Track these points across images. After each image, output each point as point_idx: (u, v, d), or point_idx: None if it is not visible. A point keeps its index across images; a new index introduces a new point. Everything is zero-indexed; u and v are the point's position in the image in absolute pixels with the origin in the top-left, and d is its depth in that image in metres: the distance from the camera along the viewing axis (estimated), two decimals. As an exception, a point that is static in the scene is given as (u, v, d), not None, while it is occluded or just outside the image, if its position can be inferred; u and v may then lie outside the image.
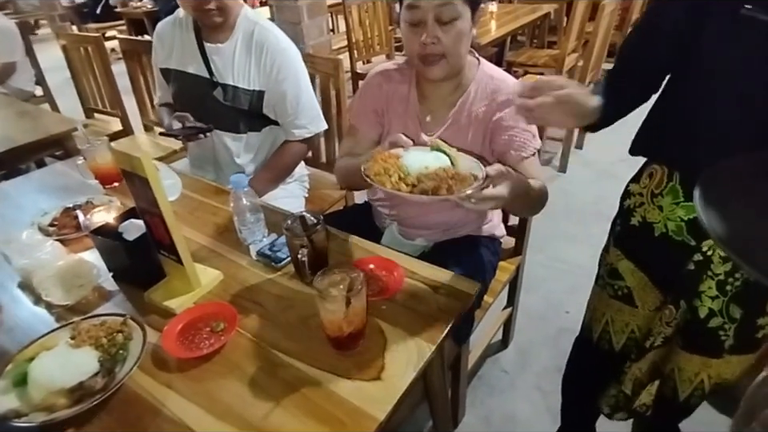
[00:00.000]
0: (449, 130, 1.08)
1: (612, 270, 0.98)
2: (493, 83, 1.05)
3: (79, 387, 0.69)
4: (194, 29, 1.38)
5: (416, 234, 1.20)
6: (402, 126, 1.12)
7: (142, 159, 0.74)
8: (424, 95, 1.11)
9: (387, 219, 1.24)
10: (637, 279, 0.94)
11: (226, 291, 0.92)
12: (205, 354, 0.75)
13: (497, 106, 1.04)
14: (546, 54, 3.35)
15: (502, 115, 1.03)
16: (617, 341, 1.02)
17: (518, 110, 0.76)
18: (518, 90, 0.76)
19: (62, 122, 1.87)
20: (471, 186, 0.75)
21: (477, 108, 1.05)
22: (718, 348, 0.86)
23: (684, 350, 0.90)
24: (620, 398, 0.97)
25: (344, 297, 0.71)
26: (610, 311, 1.01)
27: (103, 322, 0.79)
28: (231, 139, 1.46)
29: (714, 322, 0.83)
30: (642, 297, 0.95)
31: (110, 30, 5.83)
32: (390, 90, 1.13)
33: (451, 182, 0.75)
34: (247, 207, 1.00)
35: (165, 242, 0.84)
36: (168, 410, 0.69)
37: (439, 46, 0.95)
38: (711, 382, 0.92)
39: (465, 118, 1.07)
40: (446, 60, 0.98)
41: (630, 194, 0.95)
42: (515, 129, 1.02)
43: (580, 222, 2.36)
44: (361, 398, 0.69)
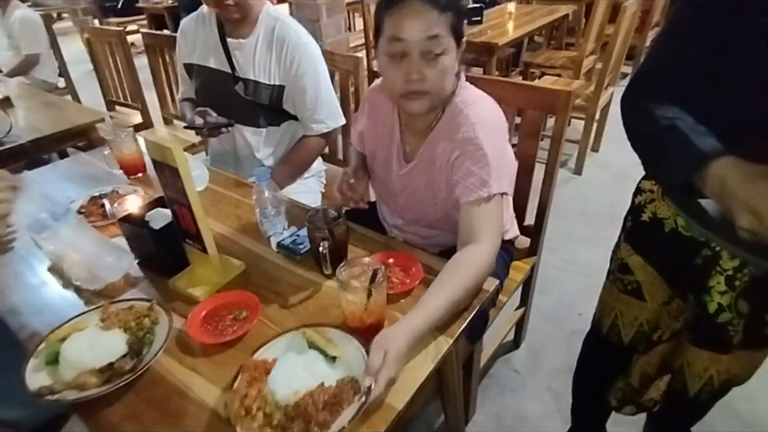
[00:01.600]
0: (420, 164, 1.03)
1: (622, 264, 0.99)
2: (459, 117, 0.95)
3: (109, 367, 0.72)
4: (217, 24, 1.41)
5: (423, 245, 1.18)
6: (386, 151, 1.10)
7: (173, 149, 0.76)
8: (406, 125, 1.06)
9: (390, 231, 1.24)
10: (646, 274, 0.95)
11: (248, 281, 0.94)
12: (228, 341, 0.78)
13: (455, 143, 0.94)
14: (564, 56, 3.33)
15: (459, 153, 0.94)
16: (626, 334, 1.03)
17: None
18: None
19: (87, 114, 1.91)
20: (351, 407, 0.64)
21: (441, 141, 0.98)
22: (726, 343, 0.87)
23: (693, 345, 0.91)
24: (627, 390, 0.98)
25: (365, 288, 0.73)
26: (620, 305, 1.02)
27: (131, 307, 0.82)
28: (251, 133, 1.48)
29: (722, 317, 0.84)
30: (651, 291, 0.96)
31: (131, 25, 5.93)
32: (374, 115, 1.11)
33: (321, 416, 0.62)
34: (269, 200, 1.02)
35: (191, 231, 0.86)
36: (193, 392, 0.72)
37: (424, 83, 0.88)
38: (720, 378, 0.93)
39: (431, 150, 1.00)
40: (429, 95, 0.91)
41: (642, 190, 0.95)
42: (463, 170, 0.92)
43: (595, 225, 2.35)
44: (381, 388, 0.70)
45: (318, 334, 0.74)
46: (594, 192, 2.62)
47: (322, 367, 0.69)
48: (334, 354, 0.71)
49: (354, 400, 0.65)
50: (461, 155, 0.93)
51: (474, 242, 0.88)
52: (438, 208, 1.06)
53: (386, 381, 0.65)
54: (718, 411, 1.12)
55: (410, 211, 1.13)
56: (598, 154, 2.99)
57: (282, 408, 0.64)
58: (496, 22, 3.14)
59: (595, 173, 2.79)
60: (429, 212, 1.09)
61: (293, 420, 0.62)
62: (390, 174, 1.11)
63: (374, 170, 1.17)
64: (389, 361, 0.66)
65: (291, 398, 0.64)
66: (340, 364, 0.71)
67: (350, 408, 0.64)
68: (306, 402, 0.63)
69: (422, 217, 1.11)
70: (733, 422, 1.43)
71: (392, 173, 1.10)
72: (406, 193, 1.10)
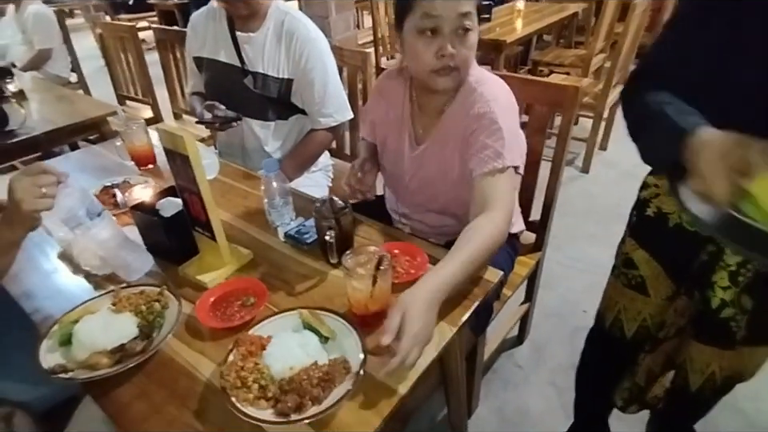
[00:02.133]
0: (434, 144, 1.06)
1: (627, 259, 0.99)
2: (473, 94, 0.99)
3: (120, 349, 0.74)
4: (227, 19, 1.42)
5: (426, 236, 1.20)
6: (396, 136, 1.12)
7: (185, 138, 0.78)
8: (420, 106, 1.08)
9: (398, 222, 1.26)
10: (651, 269, 0.95)
11: (255, 269, 0.96)
12: (236, 326, 0.79)
13: (471, 117, 0.97)
14: (573, 54, 3.32)
15: (475, 128, 0.96)
16: (628, 328, 1.03)
17: None
18: None
19: (99, 107, 1.95)
20: (344, 383, 0.66)
21: (456, 120, 1.01)
22: (729, 339, 0.87)
23: (696, 340, 0.91)
24: (634, 390, 0.98)
25: (371, 276, 0.74)
26: (624, 300, 1.02)
27: (142, 291, 0.84)
28: (260, 127, 1.50)
29: (725, 312, 0.84)
30: (655, 286, 0.96)
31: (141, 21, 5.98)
32: (385, 102, 1.14)
33: (315, 391, 0.64)
34: (277, 191, 1.04)
35: (201, 219, 0.88)
36: (201, 373, 0.74)
37: (455, 58, 0.91)
38: (723, 375, 0.93)
39: (446, 130, 1.03)
40: (458, 72, 0.95)
41: (647, 185, 0.95)
42: (478, 143, 0.95)
43: (601, 223, 2.35)
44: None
45: (314, 316, 0.76)
46: (601, 191, 2.61)
47: (316, 347, 0.71)
48: (327, 336, 0.73)
49: (345, 380, 0.67)
50: (476, 129, 0.96)
51: (488, 210, 0.89)
52: (449, 188, 1.07)
53: (410, 339, 0.67)
54: (723, 410, 1.12)
55: (420, 195, 1.14)
56: (605, 152, 2.98)
57: (276, 381, 0.66)
58: (505, 20, 3.13)
59: (602, 171, 2.79)
60: (439, 194, 1.10)
61: (287, 393, 0.65)
62: (401, 158, 1.12)
63: (384, 158, 1.19)
64: (409, 319, 0.68)
65: (286, 373, 0.67)
66: (333, 345, 0.73)
67: (341, 386, 0.66)
68: (301, 378, 0.65)
69: (431, 200, 1.13)
70: (737, 422, 1.42)
71: (404, 157, 1.11)
72: (417, 176, 1.11)
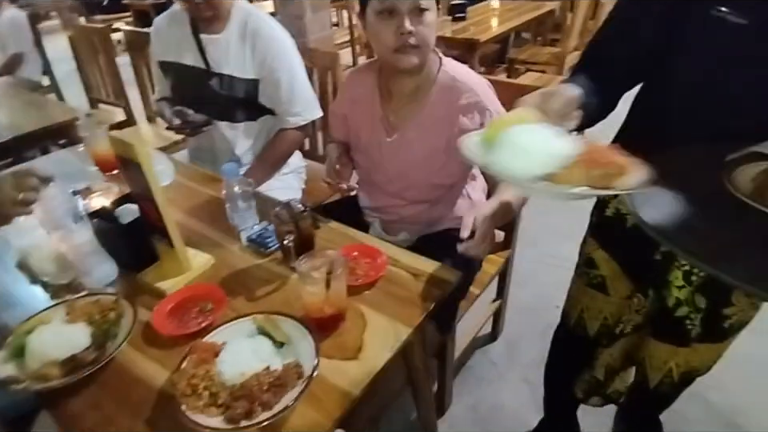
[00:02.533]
0: (412, 130, 1.09)
1: (588, 259, 1.01)
2: (454, 84, 1.05)
3: (71, 359, 0.73)
4: (190, 21, 1.41)
5: (399, 230, 1.22)
6: (369, 127, 1.14)
7: (135, 145, 0.77)
8: (388, 94, 1.12)
9: (370, 216, 1.27)
10: (610, 268, 0.97)
11: (217, 275, 0.95)
12: (192, 332, 0.79)
13: (458, 109, 1.03)
14: (548, 52, 3.36)
15: (466, 121, 1.03)
16: (590, 327, 1.06)
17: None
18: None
19: (65, 112, 1.92)
20: (296, 388, 0.67)
21: (439, 110, 1.06)
22: (685, 337, 0.89)
23: (654, 338, 0.94)
24: (592, 383, 1.01)
25: (324, 279, 0.75)
26: (586, 299, 1.05)
27: (97, 301, 0.83)
28: (228, 128, 1.49)
29: (680, 311, 0.86)
30: (615, 285, 0.98)
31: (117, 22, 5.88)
32: (354, 95, 1.17)
33: (265, 397, 0.65)
34: (239, 195, 1.04)
35: (157, 225, 0.88)
36: (155, 382, 0.74)
37: (415, 36, 0.96)
38: (680, 371, 0.95)
39: (428, 120, 1.07)
40: (420, 50, 0.99)
41: None
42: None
43: (572, 219, 2.36)
44: (338, 375, 0.72)
45: (268, 321, 0.76)
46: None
47: (270, 352, 0.72)
48: (282, 340, 0.74)
49: (298, 383, 0.68)
50: (469, 121, 1.03)
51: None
52: (428, 175, 1.11)
53: (482, 235, 0.81)
54: (689, 400, 1.15)
55: (396, 183, 1.16)
56: (580, 149, 3.01)
57: (227, 388, 0.67)
58: (479, 19, 3.15)
59: (577, 168, 2.82)
60: (416, 181, 1.13)
61: (237, 400, 0.65)
62: (376, 148, 1.14)
63: (358, 153, 1.21)
64: (479, 217, 0.83)
65: (238, 380, 0.67)
66: (287, 350, 0.74)
67: (293, 391, 0.67)
68: (252, 383, 0.66)
69: (407, 188, 1.15)
70: (703, 411, 1.46)
71: (380, 146, 1.13)
72: (394, 164, 1.13)
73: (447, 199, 1.19)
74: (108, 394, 0.73)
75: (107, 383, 0.74)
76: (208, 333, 0.77)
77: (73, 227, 0.86)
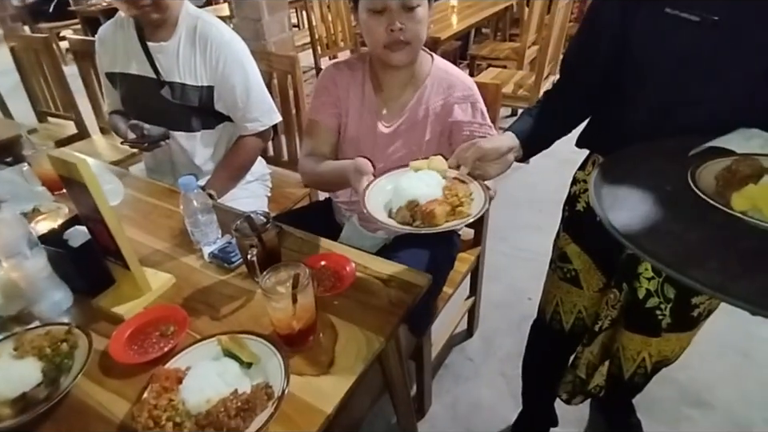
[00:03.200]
0: (405, 123, 1.11)
1: (562, 253, 1.03)
2: (448, 78, 1.09)
3: (22, 398, 0.68)
4: (136, 28, 1.35)
5: (376, 227, 1.22)
6: (359, 117, 1.14)
7: (77, 165, 0.72)
8: (380, 87, 1.13)
9: (347, 213, 1.25)
10: (582, 262, 0.99)
11: (179, 294, 0.91)
12: (153, 359, 0.75)
13: (454, 100, 1.07)
14: (508, 47, 3.41)
15: (461, 112, 1.07)
16: (566, 320, 1.07)
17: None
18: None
19: (9, 127, 1.80)
20: (266, 410, 0.64)
21: (433, 102, 1.09)
22: (656, 327, 0.91)
23: (627, 329, 0.95)
24: (576, 383, 1.01)
25: (290, 294, 0.72)
26: (560, 293, 1.06)
27: (48, 332, 0.78)
28: (186, 138, 1.44)
29: (651, 302, 0.88)
30: (587, 279, 1.00)
31: (65, 30, 5.61)
32: (344, 81, 1.15)
33: (234, 423, 0.62)
34: (198, 209, 0.99)
35: (110, 247, 0.83)
36: (115, 416, 0.69)
37: (405, 33, 0.98)
38: (652, 360, 0.97)
39: (422, 112, 1.10)
40: (410, 46, 1.00)
41: (576, 180, 0.99)
42: (473, 125, 1.08)
43: (543, 211, 2.43)
44: (310, 392, 0.70)
45: (234, 342, 0.73)
46: (541, 179, 2.69)
47: (237, 374, 0.69)
48: (249, 361, 0.71)
49: (268, 405, 0.65)
50: (462, 113, 1.07)
51: None
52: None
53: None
54: (657, 380, 1.17)
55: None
56: (544, 141, 3.07)
57: (192, 417, 0.63)
58: (439, 16, 3.17)
59: (541, 161, 2.81)
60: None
61: (203, 428, 0.62)
62: (369, 137, 1.14)
63: (345, 146, 1.18)
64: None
65: (203, 406, 0.64)
66: (255, 370, 0.71)
67: (263, 413, 0.64)
68: (218, 410, 0.62)
69: None
70: (671, 390, 1.51)
71: (374, 135, 1.13)
72: (386, 154, 1.13)
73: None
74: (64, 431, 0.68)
75: (63, 420, 0.69)
76: (170, 358, 0.73)
77: (28, 253, 0.80)
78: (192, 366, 0.70)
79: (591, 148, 0.96)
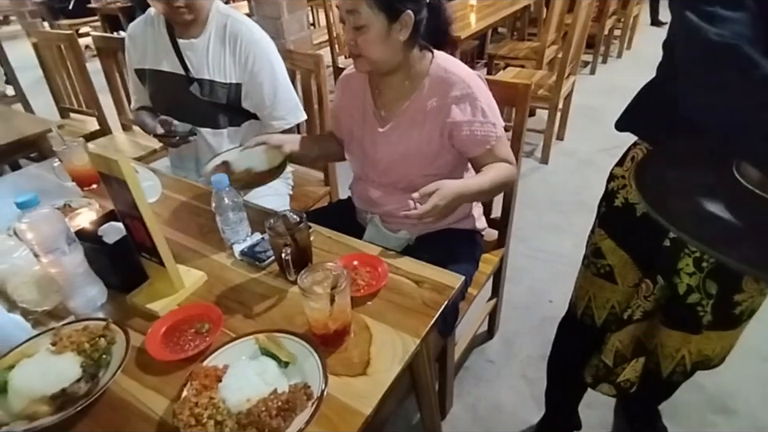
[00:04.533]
0: (403, 123, 1.11)
1: (596, 249, 1.01)
2: (446, 76, 1.07)
3: (62, 394, 0.68)
4: (167, 26, 1.36)
5: (398, 227, 1.21)
6: (361, 122, 1.17)
7: (119, 161, 0.73)
8: (378, 90, 1.15)
9: (369, 213, 1.25)
10: (618, 257, 0.97)
11: (211, 292, 0.91)
12: (190, 356, 0.75)
13: (451, 100, 1.06)
14: (527, 47, 3.38)
15: (459, 112, 1.06)
16: (598, 316, 1.06)
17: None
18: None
19: (35, 124, 1.82)
20: (306, 410, 0.65)
21: (431, 102, 1.08)
22: (696, 324, 0.89)
23: (665, 326, 0.94)
24: (600, 368, 1.00)
25: (328, 294, 0.72)
26: (593, 288, 1.05)
27: (85, 327, 0.78)
28: (212, 135, 1.44)
29: (692, 298, 0.86)
30: (623, 274, 0.98)
31: (83, 27, 5.68)
32: (348, 93, 1.20)
33: (275, 423, 0.62)
34: (229, 207, 0.99)
35: (146, 244, 0.83)
36: (154, 412, 0.69)
37: (356, 47, 1.01)
38: (692, 359, 0.96)
39: (419, 112, 1.09)
40: (364, 58, 1.02)
41: (614, 176, 0.97)
42: (474, 123, 1.06)
43: (562, 212, 2.40)
44: (347, 393, 0.69)
45: (271, 341, 0.73)
46: (561, 180, 2.67)
47: (275, 373, 0.69)
48: (287, 360, 0.70)
49: (308, 405, 0.65)
50: (461, 112, 1.06)
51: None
52: (421, 164, 1.13)
53: (432, 204, 0.92)
54: (683, 386, 1.16)
55: (390, 174, 1.17)
56: (563, 142, 3.05)
57: (233, 416, 0.63)
58: (458, 15, 3.14)
59: (561, 161, 2.85)
60: (409, 170, 1.14)
61: (245, 428, 0.62)
62: (370, 140, 1.16)
63: (352, 148, 1.23)
64: (439, 193, 0.93)
65: (244, 406, 0.63)
66: (293, 370, 0.71)
67: (302, 414, 0.64)
68: (259, 409, 0.62)
69: (401, 178, 1.16)
70: (697, 396, 1.49)
71: (374, 137, 1.15)
72: (388, 153, 1.14)
73: None
74: (104, 428, 0.68)
75: (101, 416, 0.70)
76: (207, 356, 0.74)
77: (66, 249, 0.81)
78: (230, 365, 0.70)
79: (639, 132, 0.90)
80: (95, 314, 0.87)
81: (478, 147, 1.08)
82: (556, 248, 2.14)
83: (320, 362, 0.70)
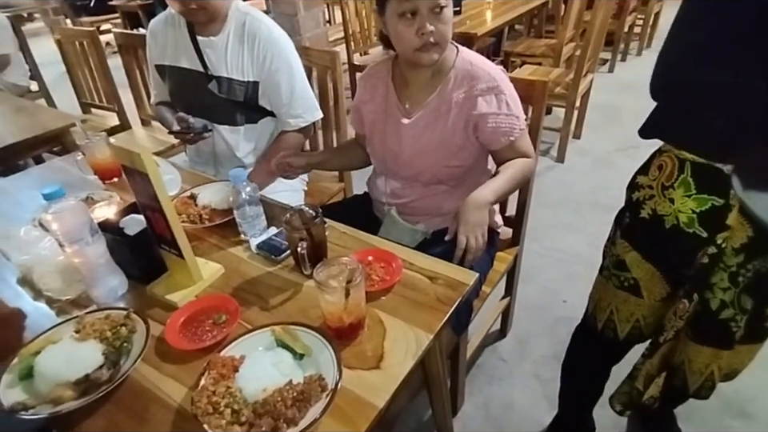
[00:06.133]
0: (429, 114, 1.12)
1: (618, 261, 0.97)
2: (472, 69, 1.09)
3: (85, 379, 0.70)
4: (187, 24, 1.38)
5: (415, 220, 1.22)
6: (384, 115, 1.18)
7: (142, 155, 0.74)
8: (404, 82, 1.16)
9: (386, 207, 1.25)
10: (644, 270, 0.93)
11: (227, 284, 0.93)
12: (208, 346, 0.77)
13: (477, 92, 1.08)
14: (544, 44, 3.34)
15: (485, 104, 1.07)
16: (621, 329, 1.02)
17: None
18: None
19: (59, 118, 1.87)
20: (320, 401, 0.65)
21: (457, 94, 1.10)
22: (729, 339, 0.87)
23: (694, 341, 0.90)
24: (633, 395, 0.97)
25: (343, 288, 0.73)
26: (616, 301, 1.01)
27: (107, 316, 0.81)
28: (229, 132, 1.46)
29: (725, 313, 0.84)
30: (649, 287, 0.94)
31: (105, 24, 5.78)
32: (370, 87, 1.22)
33: (290, 413, 0.63)
34: (246, 201, 1.01)
35: (166, 236, 0.85)
36: (173, 399, 0.71)
37: (435, 34, 1.00)
38: (721, 373, 0.93)
39: (445, 104, 1.11)
40: (439, 46, 1.03)
41: (639, 186, 0.92)
42: (499, 116, 1.08)
43: (577, 212, 2.38)
44: (361, 386, 0.70)
45: (287, 333, 0.74)
46: (576, 179, 2.64)
47: (291, 365, 0.70)
48: (302, 352, 0.72)
49: (322, 397, 0.66)
50: (486, 105, 1.07)
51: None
52: (443, 157, 1.14)
53: (466, 228, 0.97)
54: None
55: (412, 167, 1.18)
56: (579, 140, 3.01)
57: (250, 405, 0.65)
58: (475, 12, 3.13)
59: (577, 160, 2.82)
60: (432, 163, 1.15)
61: (261, 417, 0.63)
62: (394, 132, 1.17)
63: (374, 142, 1.25)
64: (462, 214, 0.99)
65: (260, 395, 0.65)
66: (308, 362, 0.72)
67: (317, 405, 0.65)
68: (275, 399, 0.64)
69: (423, 172, 1.17)
70: (714, 400, 1.44)
71: (397, 128, 1.17)
72: (411, 145, 1.16)
73: (463, 189, 1.18)
74: (124, 413, 0.70)
75: (122, 402, 0.72)
76: (224, 346, 0.75)
77: (89, 240, 0.83)
78: (247, 355, 0.72)
79: (670, 139, 0.85)
80: (116, 304, 0.89)
81: (501, 139, 1.09)
82: (570, 247, 2.11)
83: (334, 355, 0.71)
